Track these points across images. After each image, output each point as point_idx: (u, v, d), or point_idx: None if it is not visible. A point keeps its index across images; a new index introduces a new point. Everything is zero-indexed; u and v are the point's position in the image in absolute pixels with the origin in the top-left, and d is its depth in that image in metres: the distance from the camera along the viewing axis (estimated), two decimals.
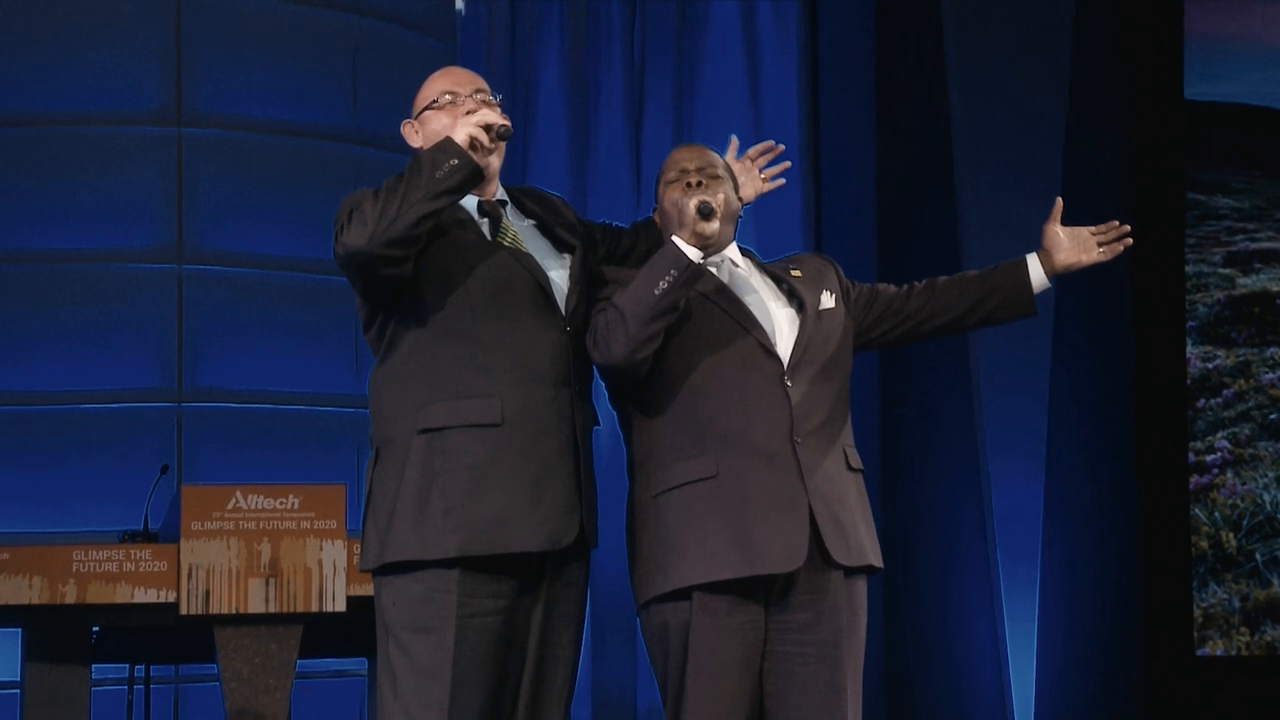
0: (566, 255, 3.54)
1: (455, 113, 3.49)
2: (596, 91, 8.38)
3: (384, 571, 3.41)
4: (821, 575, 3.41)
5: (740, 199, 3.66)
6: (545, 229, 3.57)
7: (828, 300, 3.57)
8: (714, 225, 3.36)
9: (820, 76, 8.36)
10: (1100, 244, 3.71)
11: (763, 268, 3.63)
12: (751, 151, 3.88)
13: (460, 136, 3.33)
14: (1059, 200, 3.72)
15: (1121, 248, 3.73)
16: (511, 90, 8.12)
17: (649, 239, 3.68)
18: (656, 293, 3.34)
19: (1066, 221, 3.72)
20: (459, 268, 3.40)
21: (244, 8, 6.70)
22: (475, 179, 3.36)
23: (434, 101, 3.54)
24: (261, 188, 6.64)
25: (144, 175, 6.54)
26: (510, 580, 3.39)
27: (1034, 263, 3.68)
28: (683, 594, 3.40)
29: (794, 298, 3.56)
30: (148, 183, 6.54)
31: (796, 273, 3.61)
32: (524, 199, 3.61)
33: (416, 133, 3.57)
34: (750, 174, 3.87)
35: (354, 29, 6.90)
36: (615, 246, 3.69)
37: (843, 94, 8.22)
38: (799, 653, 3.42)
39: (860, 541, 3.47)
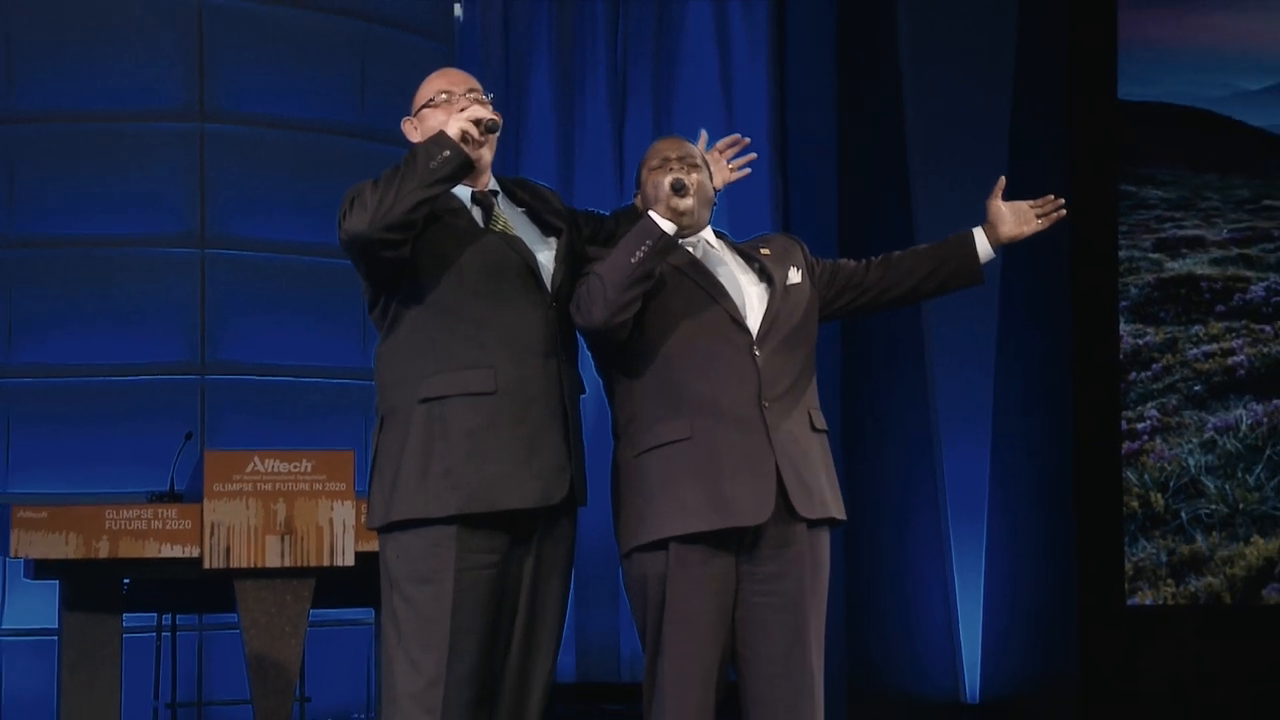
0: (553, 239, 3.55)
1: (450, 109, 3.49)
2: (582, 91, 8.37)
3: (389, 529, 3.42)
4: (787, 528, 3.43)
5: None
6: (534, 215, 3.58)
7: (794, 276, 3.59)
8: (688, 201, 3.38)
9: (786, 77, 8.36)
10: (1038, 216, 3.72)
11: (735, 248, 3.65)
12: (720, 144, 3.89)
13: (453, 130, 3.35)
14: (1001, 178, 3.73)
15: (1056, 217, 3.73)
16: (504, 90, 8.11)
17: (629, 223, 3.69)
18: (633, 261, 3.36)
19: (1017, 196, 3.73)
20: (454, 252, 3.41)
21: (261, 14, 6.68)
22: (466, 169, 3.37)
23: (430, 100, 3.55)
24: (277, 179, 6.63)
25: (169, 168, 6.53)
26: (504, 535, 3.41)
27: (980, 235, 3.71)
28: (660, 545, 3.42)
29: (764, 274, 3.57)
30: (173, 174, 6.53)
31: (766, 251, 3.62)
32: (515, 189, 3.62)
33: (415, 129, 3.57)
34: (719, 164, 3.88)
35: (362, 34, 6.89)
36: (598, 230, 3.70)
37: (807, 93, 8.21)
38: (766, 602, 3.44)
39: (823, 496, 3.49)
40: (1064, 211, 3.72)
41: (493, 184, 3.57)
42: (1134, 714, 7.75)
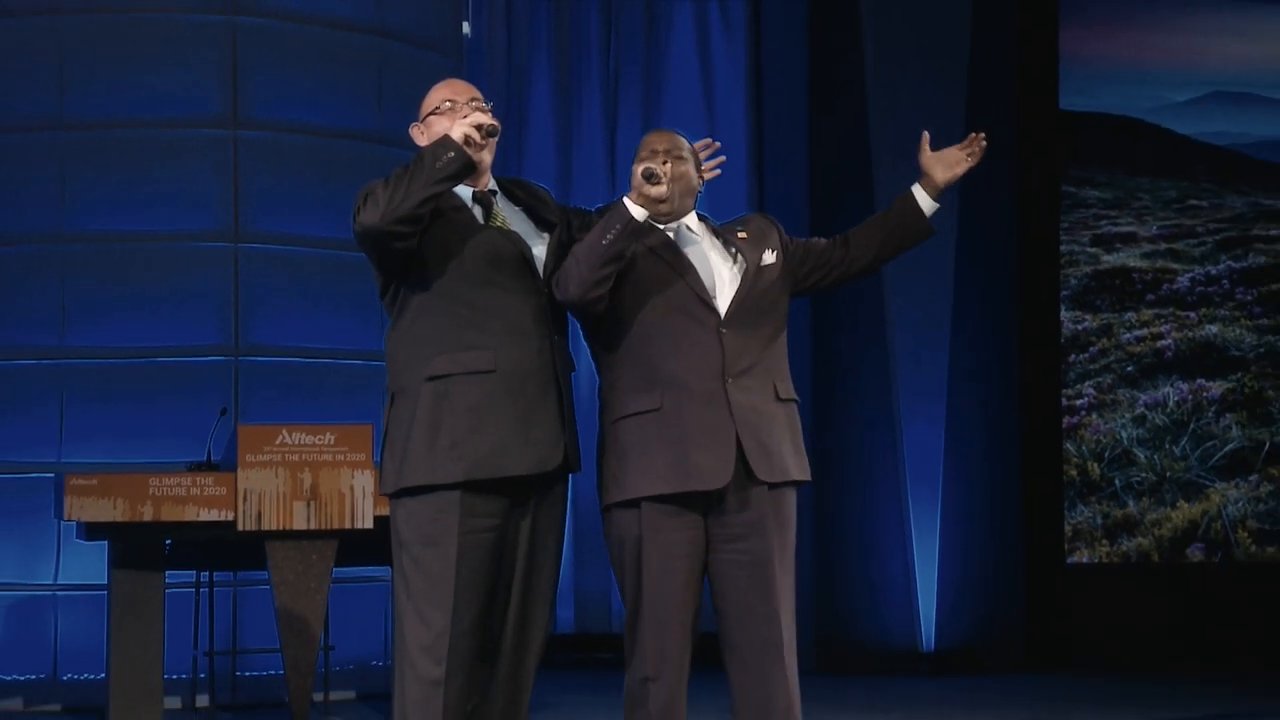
0: (546, 234, 3.54)
1: (454, 116, 3.49)
2: (578, 100, 8.35)
3: (399, 495, 3.42)
4: (749, 492, 3.43)
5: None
6: (530, 211, 3.58)
7: (769, 257, 3.55)
8: (659, 189, 3.36)
9: (763, 87, 8.34)
10: (966, 154, 3.65)
11: (715, 231, 3.60)
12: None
13: (457, 134, 3.35)
14: (925, 134, 3.67)
15: (980, 150, 3.63)
16: (507, 98, 8.10)
17: None
18: (604, 242, 3.35)
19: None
20: (457, 245, 3.41)
21: (288, 32, 6.65)
22: (468, 169, 3.37)
23: (437, 108, 3.54)
24: (302, 180, 6.61)
25: (206, 170, 6.50)
26: (504, 500, 3.41)
27: (919, 192, 3.65)
28: (633, 504, 3.42)
29: (738, 256, 3.53)
30: (209, 176, 6.50)
31: (743, 235, 3.58)
32: (513, 188, 3.61)
33: (422, 134, 3.56)
34: None
35: (379, 49, 6.86)
36: (585, 223, 3.67)
37: (781, 102, 8.19)
38: (735, 559, 3.44)
39: (784, 460, 3.47)
40: (984, 143, 3.65)
41: (492, 184, 3.56)
42: (1071, 660, 7.78)
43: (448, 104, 3.53)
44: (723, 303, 3.47)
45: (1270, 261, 8.26)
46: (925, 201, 3.65)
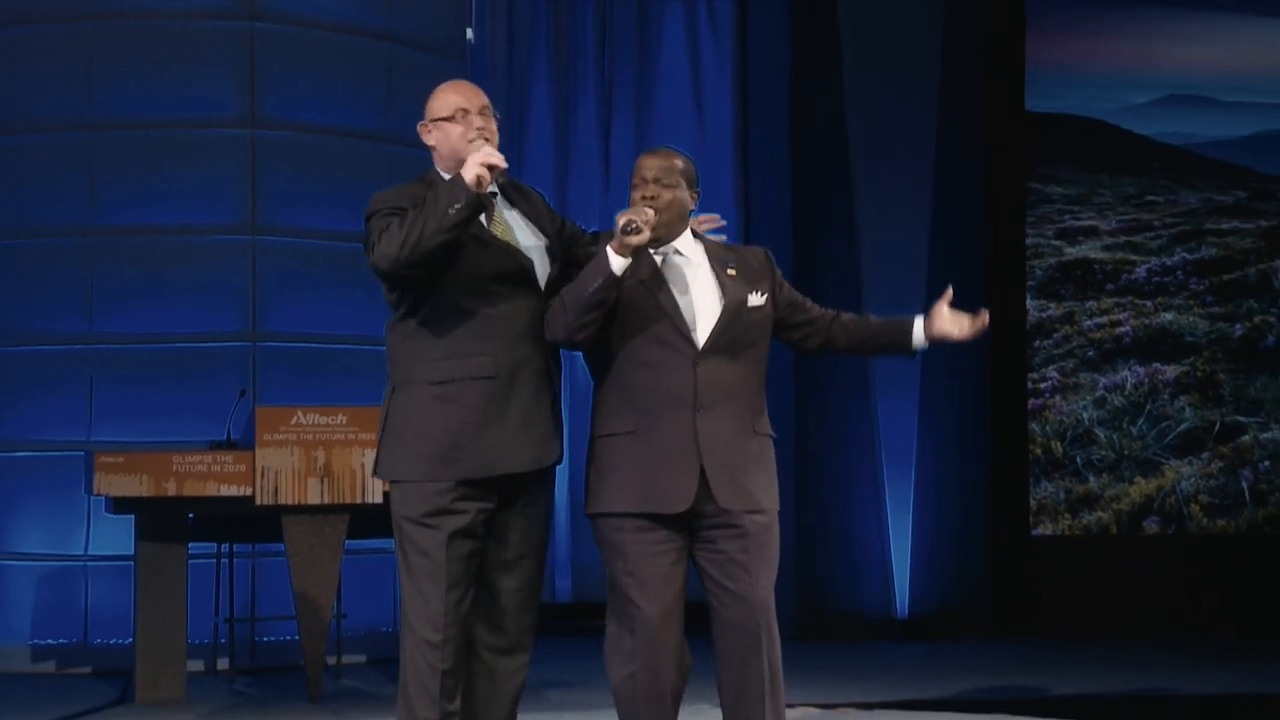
0: (543, 240, 3.51)
1: (467, 127, 3.43)
2: (575, 100, 8.35)
3: (397, 480, 3.44)
4: (721, 513, 3.42)
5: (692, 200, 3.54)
6: (527, 216, 3.54)
7: (755, 299, 3.50)
8: (641, 237, 3.32)
9: (749, 94, 8.33)
10: (971, 326, 3.63)
11: (709, 253, 3.54)
12: (698, 219, 3.69)
13: (469, 176, 3.29)
14: (949, 289, 3.66)
15: (980, 329, 3.62)
16: (508, 102, 8.10)
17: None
18: (588, 293, 3.35)
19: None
20: (463, 261, 3.38)
21: (303, 37, 6.65)
22: (479, 211, 3.33)
23: (451, 116, 3.46)
24: (316, 177, 6.61)
25: (225, 167, 6.51)
26: (496, 485, 3.41)
27: (918, 327, 3.63)
28: (613, 514, 3.43)
29: (725, 291, 3.48)
30: (228, 173, 6.51)
31: (732, 272, 3.51)
32: (510, 190, 3.58)
33: (430, 134, 3.50)
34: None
35: (388, 53, 6.86)
36: (577, 240, 3.60)
37: (766, 109, 8.19)
38: (713, 560, 3.43)
39: (748, 490, 3.43)
40: (987, 325, 3.64)
41: (492, 186, 3.54)
42: (1036, 626, 7.80)
43: (461, 113, 3.45)
44: (701, 335, 3.43)
45: (1221, 253, 8.28)
46: (919, 338, 3.63)
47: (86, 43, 6.48)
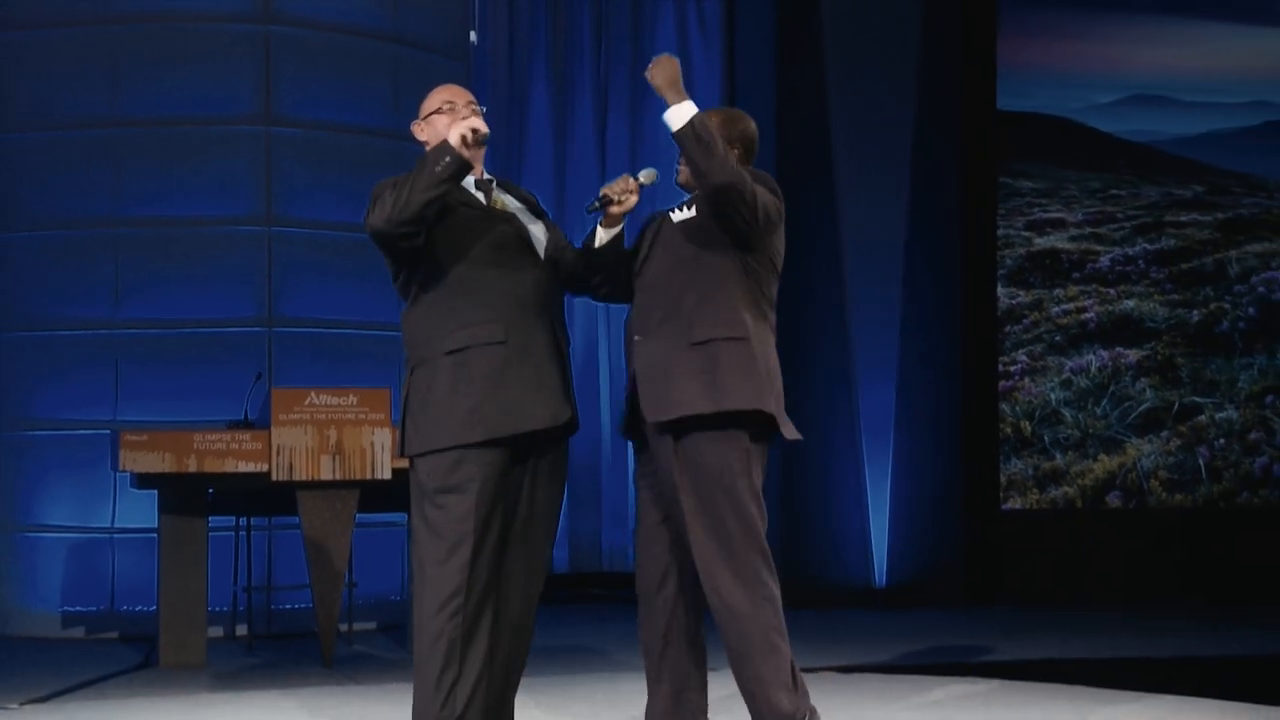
0: (540, 221, 3.55)
1: (454, 117, 3.48)
2: (573, 98, 8.33)
3: (422, 454, 3.42)
4: (653, 440, 3.55)
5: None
6: (524, 202, 3.59)
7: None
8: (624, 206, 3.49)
9: (736, 92, 8.31)
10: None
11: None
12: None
13: (453, 137, 3.34)
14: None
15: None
16: (508, 101, 8.10)
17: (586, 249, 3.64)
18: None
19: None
20: (463, 233, 3.42)
21: (315, 39, 6.65)
22: (465, 171, 3.37)
23: (438, 109, 3.52)
24: (328, 171, 6.61)
25: (242, 162, 6.51)
26: (515, 451, 3.42)
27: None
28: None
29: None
30: (245, 167, 6.51)
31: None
32: (507, 186, 3.61)
33: (422, 130, 3.55)
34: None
35: (395, 54, 6.86)
36: (562, 254, 3.59)
37: (753, 104, 8.19)
38: (653, 498, 3.61)
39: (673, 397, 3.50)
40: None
41: (487, 174, 3.56)
42: (1005, 595, 7.83)
43: (447, 105, 3.52)
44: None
45: (1180, 244, 8.31)
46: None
47: (112, 45, 6.47)
